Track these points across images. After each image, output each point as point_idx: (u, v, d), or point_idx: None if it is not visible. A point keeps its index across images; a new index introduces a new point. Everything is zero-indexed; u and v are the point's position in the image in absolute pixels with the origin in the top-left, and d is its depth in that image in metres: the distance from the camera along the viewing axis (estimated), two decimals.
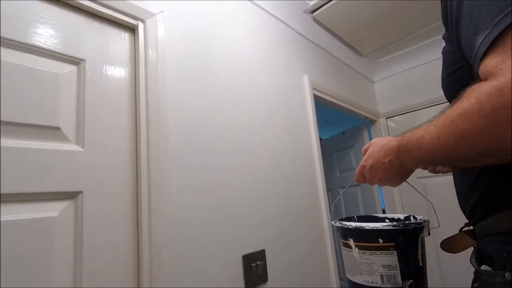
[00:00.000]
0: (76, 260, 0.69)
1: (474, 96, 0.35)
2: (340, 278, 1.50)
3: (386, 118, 2.51)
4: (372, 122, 2.50)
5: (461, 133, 0.37)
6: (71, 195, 0.72)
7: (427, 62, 2.27)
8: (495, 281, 0.44)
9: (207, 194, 0.97)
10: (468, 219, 0.57)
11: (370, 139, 2.51)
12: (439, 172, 0.73)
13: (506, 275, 0.42)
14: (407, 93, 2.41)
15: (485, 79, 0.36)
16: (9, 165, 0.63)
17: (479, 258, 0.51)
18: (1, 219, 0.61)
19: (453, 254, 0.60)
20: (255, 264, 1.04)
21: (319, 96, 1.72)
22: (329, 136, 2.99)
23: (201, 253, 0.91)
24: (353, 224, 0.60)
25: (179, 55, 1.00)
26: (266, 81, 1.35)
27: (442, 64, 0.56)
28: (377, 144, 0.59)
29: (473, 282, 0.52)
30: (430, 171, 0.74)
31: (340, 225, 0.64)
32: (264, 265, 1.08)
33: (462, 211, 0.58)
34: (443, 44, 0.55)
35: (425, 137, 0.44)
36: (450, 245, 0.60)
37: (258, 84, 1.30)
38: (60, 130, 0.73)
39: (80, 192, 0.73)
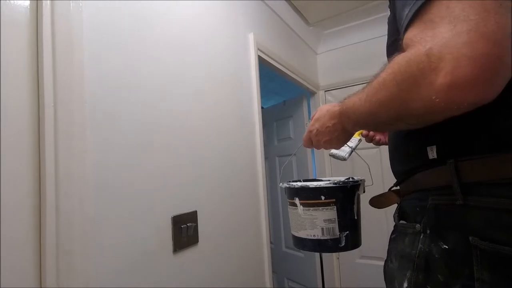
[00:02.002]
0: None
1: (391, 66, 0.40)
2: (271, 242, 1.55)
3: (325, 91, 2.58)
4: (312, 94, 2.55)
5: (380, 99, 0.42)
6: None
7: (370, 39, 2.35)
8: (408, 231, 0.50)
9: (134, 152, 0.85)
10: (396, 179, 0.63)
11: (309, 110, 2.58)
12: (380, 143, 0.83)
13: (417, 226, 0.48)
14: (347, 67, 2.50)
15: (404, 49, 0.40)
16: None
17: (400, 214, 0.57)
18: None
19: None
20: (185, 225, 0.98)
21: (263, 59, 1.66)
22: (269, 106, 2.99)
23: (125, 216, 0.81)
24: (299, 183, 0.67)
25: None
26: (207, 29, 1.22)
27: (387, 33, 0.59)
28: (323, 110, 0.64)
29: (391, 234, 0.58)
30: (374, 144, 0.85)
31: (288, 186, 0.70)
32: (196, 227, 1.03)
33: (392, 172, 0.64)
34: (389, 13, 0.57)
35: (357, 103, 0.49)
36: (378, 201, 0.69)
37: (198, 31, 1.17)
38: None
39: None
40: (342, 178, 0.75)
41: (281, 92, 3.35)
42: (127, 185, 0.82)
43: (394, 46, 0.54)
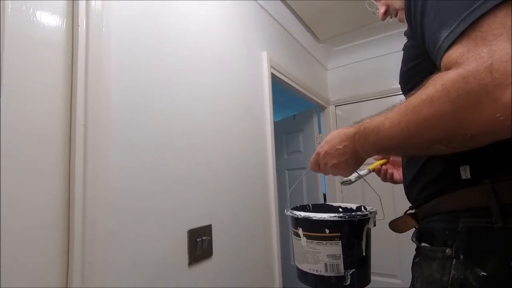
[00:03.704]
0: None
1: (440, 82, 0.36)
2: (282, 258, 1.55)
3: (335, 106, 2.62)
4: (322, 108, 2.59)
5: (424, 117, 0.37)
6: None
7: (379, 56, 2.40)
8: (436, 256, 0.47)
9: (153, 166, 0.89)
10: (412, 203, 0.61)
11: (319, 124, 2.61)
12: (393, 180, 0.78)
13: (447, 250, 0.45)
14: (357, 83, 2.53)
15: (449, 69, 0.36)
16: None
17: (419, 236, 0.54)
18: None
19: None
20: (200, 239, 1.00)
21: (276, 76, 1.70)
22: (279, 119, 3.03)
23: (143, 226, 0.84)
24: (302, 214, 0.61)
25: (126, 13, 0.87)
26: (224, 51, 1.28)
27: (402, 59, 0.57)
28: (334, 133, 0.60)
29: (414, 258, 0.55)
30: (385, 179, 0.79)
31: (291, 215, 0.65)
32: (210, 240, 1.05)
33: (407, 197, 0.62)
34: (405, 40, 0.56)
35: (385, 123, 0.44)
36: (396, 225, 0.64)
37: (214, 52, 1.22)
38: None
39: None
40: (354, 206, 0.71)
41: (290, 105, 3.40)
42: (145, 199, 0.86)
43: (412, 71, 0.54)
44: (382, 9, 0.73)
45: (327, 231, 0.59)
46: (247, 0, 1.50)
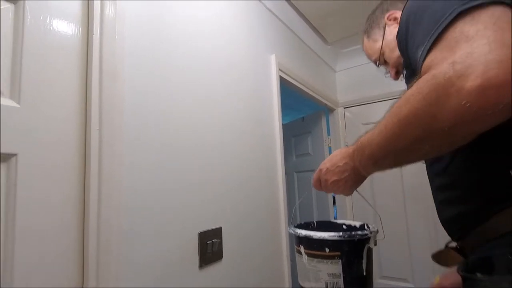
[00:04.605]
0: (6, 230, 0.60)
1: (415, 85, 0.39)
2: (291, 260, 1.55)
3: (344, 107, 2.61)
4: (331, 110, 2.58)
5: (403, 116, 0.40)
6: (2, 157, 0.61)
7: None
8: (503, 287, 0.41)
9: (164, 168, 0.91)
10: (455, 235, 0.55)
11: (328, 126, 2.61)
12: None
13: None
14: (365, 85, 2.52)
15: (424, 72, 0.40)
16: None
17: (471, 268, 0.47)
18: None
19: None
20: (211, 241, 1.01)
21: (284, 79, 1.71)
22: (288, 121, 3.03)
23: (155, 226, 0.85)
24: (303, 232, 0.62)
25: (137, 19, 0.90)
26: (232, 55, 1.29)
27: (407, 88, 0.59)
28: (337, 151, 0.62)
29: None
30: None
31: (293, 233, 0.66)
32: (220, 243, 1.06)
33: (448, 230, 0.56)
34: (405, 72, 0.59)
35: (375, 131, 0.46)
36: (440, 259, 0.60)
37: (222, 57, 1.23)
38: None
39: (14, 154, 0.62)
40: (358, 224, 0.72)
41: (298, 108, 3.39)
42: (156, 201, 0.87)
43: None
44: (392, 72, 0.80)
45: (327, 250, 0.59)
46: (256, 4, 1.51)
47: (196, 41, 1.10)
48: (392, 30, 0.75)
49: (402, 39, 0.50)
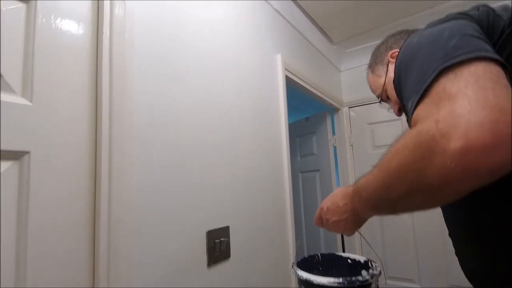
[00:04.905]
0: (20, 228, 0.60)
1: (403, 139, 0.40)
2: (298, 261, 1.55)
3: (349, 107, 2.60)
4: (336, 110, 2.57)
5: (392, 169, 0.40)
6: (15, 155, 0.61)
7: None
8: None
9: (173, 167, 0.91)
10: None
11: (333, 126, 2.60)
12: None
13: None
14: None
15: (412, 127, 0.41)
16: None
17: None
18: None
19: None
20: (219, 240, 1.01)
21: (290, 78, 1.71)
22: (292, 122, 3.03)
23: (164, 225, 0.85)
24: (304, 276, 0.62)
25: (145, 19, 0.90)
26: (238, 55, 1.29)
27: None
28: (338, 189, 0.63)
29: None
30: None
31: (294, 273, 0.65)
32: (228, 242, 1.06)
33: (475, 282, 0.54)
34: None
35: (369, 178, 0.47)
36: None
37: (229, 57, 1.24)
38: (2, 78, 0.61)
39: (27, 152, 0.62)
40: (362, 259, 0.71)
41: (302, 108, 3.39)
42: (165, 200, 0.87)
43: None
44: (395, 108, 0.82)
45: None
46: (262, 4, 1.51)
47: (204, 41, 1.10)
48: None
49: (397, 87, 0.51)
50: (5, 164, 0.60)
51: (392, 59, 0.78)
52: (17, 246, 0.60)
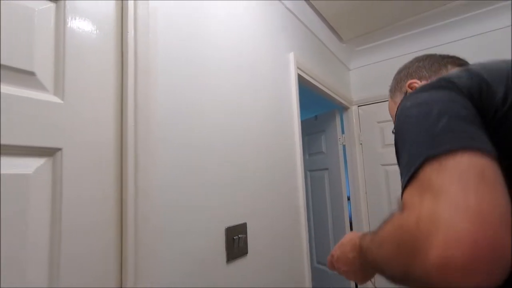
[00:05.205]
0: (54, 226, 0.61)
1: (390, 225, 0.40)
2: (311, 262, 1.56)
3: (358, 106, 2.60)
4: (345, 108, 2.57)
5: (383, 254, 0.41)
6: (48, 152, 0.63)
7: (401, 55, 2.36)
8: None
9: (194, 165, 0.92)
10: None
11: (342, 125, 2.60)
12: None
13: None
14: (379, 83, 2.50)
15: (400, 210, 0.40)
16: None
17: None
18: None
19: None
20: (237, 237, 1.03)
21: (302, 77, 1.71)
22: (301, 120, 3.03)
23: (186, 222, 0.87)
24: None
25: (169, 19, 0.91)
26: (253, 53, 1.30)
27: None
28: (348, 236, 0.63)
29: None
30: None
31: None
32: (245, 238, 1.07)
33: None
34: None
35: (372, 246, 0.47)
36: None
37: (245, 56, 1.24)
38: (36, 76, 0.63)
39: (59, 149, 0.64)
40: None
41: (310, 107, 3.39)
42: (186, 197, 0.88)
43: None
44: None
45: None
46: (274, 4, 1.52)
47: (223, 39, 1.11)
48: None
49: (396, 153, 0.50)
50: (40, 161, 0.62)
51: (409, 90, 0.76)
52: (51, 244, 0.61)
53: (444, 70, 0.72)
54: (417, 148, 0.40)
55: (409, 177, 0.39)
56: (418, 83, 0.74)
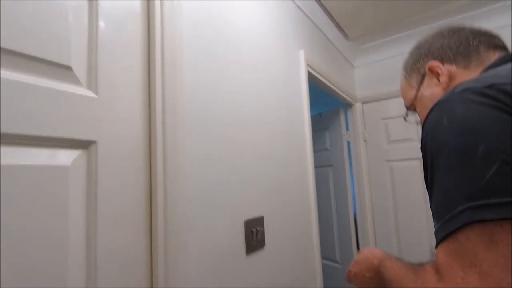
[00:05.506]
0: (89, 227, 0.63)
1: (419, 281, 0.39)
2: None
3: (362, 103, 2.62)
4: (349, 105, 2.60)
5: None
6: (84, 144, 0.64)
7: (404, 54, 2.38)
8: None
9: (218, 158, 0.94)
10: None
11: (347, 122, 2.62)
12: None
13: None
14: (384, 81, 2.53)
15: (436, 269, 0.37)
16: (9, 101, 0.54)
17: None
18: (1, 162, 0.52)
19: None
20: (255, 229, 1.05)
21: (311, 74, 1.74)
22: None
23: (210, 215, 0.89)
24: None
25: (193, 16, 0.93)
26: (267, 50, 1.32)
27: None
28: (365, 253, 0.64)
29: None
30: None
31: None
32: (263, 231, 1.10)
33: None
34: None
35: (390, 282, 0.48)
36: None
37: (260, 52, 1.26)
38: (72, 71, 0.64)
39: (94, 142, 0.66)
40: None
41: (314, 104, 3.41)
42: (211, 189, 0.90)
43: None
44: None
45: None
46: (287, 3, 1.54)
47: (243, 36, 1.13)
48: (431, 86, 0.64)
49: (425, 176, 0.44)
50: (75, 153, 0.64)
51: (430, 73, 0.64)
52: (87, 240, 0.62)
53: (474, 55, 0.58)
54: (456, 193, 0.35)
55: (447, 234, 0.35)
56: (441, 68, 0.61)
